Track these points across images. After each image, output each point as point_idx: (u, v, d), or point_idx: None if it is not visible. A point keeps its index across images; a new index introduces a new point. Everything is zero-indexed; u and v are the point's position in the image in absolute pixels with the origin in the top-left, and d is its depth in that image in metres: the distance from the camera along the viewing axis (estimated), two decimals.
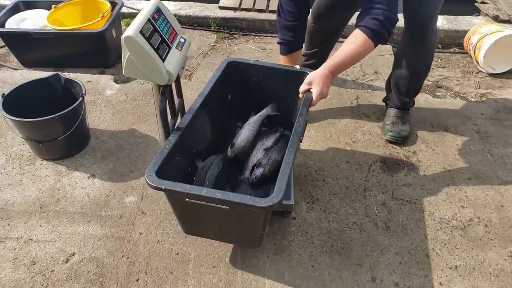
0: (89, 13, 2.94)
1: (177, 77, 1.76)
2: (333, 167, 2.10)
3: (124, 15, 3.41)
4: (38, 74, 2.70)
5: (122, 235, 1.78)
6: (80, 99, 2.01)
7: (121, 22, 3.24)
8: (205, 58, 3.04)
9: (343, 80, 2.75)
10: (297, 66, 1.99)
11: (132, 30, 1.34)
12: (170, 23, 1.56)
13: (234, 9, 3.50)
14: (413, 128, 2.33)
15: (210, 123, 1.79)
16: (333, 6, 2.20)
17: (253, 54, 3.10)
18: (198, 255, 1.70)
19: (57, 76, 2.16)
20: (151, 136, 2.28)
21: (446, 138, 2.28)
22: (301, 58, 2.43)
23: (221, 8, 3.51)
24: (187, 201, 1.33)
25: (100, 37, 2.72)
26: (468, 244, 1.75)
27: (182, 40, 1.59)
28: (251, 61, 1.93)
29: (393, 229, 1.81)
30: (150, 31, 1.42)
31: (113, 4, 2.95)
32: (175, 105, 1.72)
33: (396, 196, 1.96)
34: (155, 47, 1.42)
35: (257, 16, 3.41)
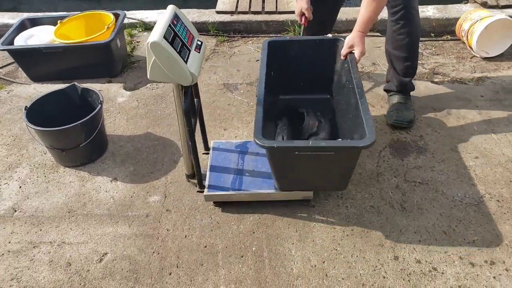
0: (93, 26, 3.02)
1: None
2: None
3: (125, 26, 3.49)
4: (51, 87, 2.77)
5: (150, 233, 1.85)
6: (99, 106, 2.08)
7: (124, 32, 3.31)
8: (207, 62, 3.12)
9: None
10: (329, 35, 2.13)
11: (157, 36, 1.42)
12: (187, 28, 1.64)
13: (231, 13, 3.59)
14: (417, 114, 2.43)
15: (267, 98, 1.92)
16: None
17: (253, 55, 3.19)
18: (226, 246, 1.78)
19: (74, 87, 2.23)
20: (167, 138, 2.35)
21: (450, 121, 2.38)
22: None
23: (218, 13, 3.60)
24: (296, 155, 1.56)
25: (107, 48, 2.79)
26: (483, 219, 1.84)
27: (199, 43, 1.67)
28: (287, 38, 2.13)
29: (409, 210, 1.90)
30: (172, 36, 1.50)
31: (116, 16, 3.03)
32: (195, 105, 1.80)
33: (408, 179, 2.05)
34: (177, 51, 1.50)
35: (254, 18, 3.50)
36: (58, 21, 2.94)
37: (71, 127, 1.97)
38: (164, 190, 2.05)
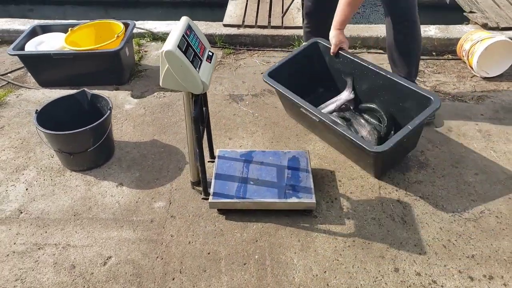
0: (103, 35, 3.08)
1: None
2: (347, 168, 2.23)
3: (134, 35, 3.55)
4: (59, 92, 2.81)
5: (155, 238, 1.88)
6: (108, 112, 2.12)
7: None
8: (214, 73, 3.17)
9: None
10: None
11: (171, 45, 1.47)
12: (200, 39, 1.69)
13: (238, 26, 3.66)
14: None
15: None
16: None
17: (258, 68, 3.25)
18: (229, 254, 1.81)
19: (84, 92, 2.28)
20: (173, 146, 2.39)
21: (451, 138, 2.43)
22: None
23: (226, 26, 3.67)
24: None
25: (116, 56, 2.85)
26: (482, 235, 1.88)
27: (211, 54, 1.73)
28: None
29: (410, 223, 1.93)
30: (185, 46, 1.55)
31: (126, 25, 3.09)
32: (203, 114, 1.84)
33: (410, 193, 2.08)
34: (190, 60, 1.55)
35: (260, 32, 3.57)
36: (69, 29, 3.00)
37: (81, 132, 2.01)
38: (169, 197, 2.08)
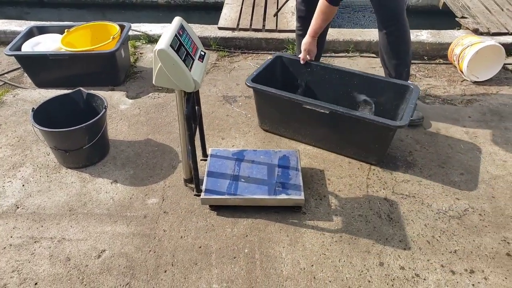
0: (99, 36, 3.14)
1: None
2: (337, 167, 2.29)
3: (129, 37, 3.61)
4: (55, 92, 2.86)
5: (148, 233, 1.93)
6: (104, 111, 2.18)
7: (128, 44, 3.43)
8: (208, 75, 3.23)
9: None
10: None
11: (164, 44, 1.53)
12: (192, 39, 1.75)
13: (232, 29, 3.73)
14: (407, 131, 2.54)
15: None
16: None
17: (252, 70, 3.29)
18: (219, 248, 1.86)
19: (80, 91, 2.33)
20: (166, 145, 2.44)
21: (438, 139, 2.49)
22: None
23: (220, 29, 3.74)
24: None
25: (112, 57, 2.90)
26: (465, 231, 1.94)
27: (203, 53, 1.79)
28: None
29: (396, 220, 1.99)
30: (178, 45, 1.61)
31: (122, 27, 3.15)
32: (196, 112, 1.90)
33: (396, 191, 2.14)
34: (182, 59, 1.60)
35: (254, 35, 3.64)
36: (65, 30, 3.05)
37: (76, 129, 2.07)
38: (162, 193, 2.13)
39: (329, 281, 1.72)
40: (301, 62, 2.56)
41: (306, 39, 2.47)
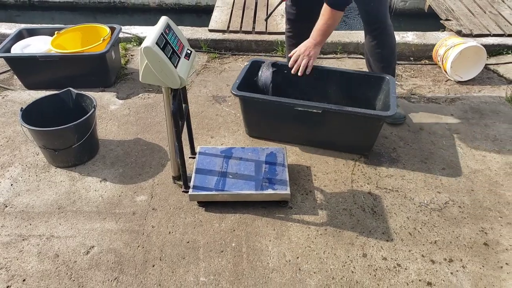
0: (89, 38, 3.17)
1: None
2: (323, 164, 2.34)
3: (120, 40, 3.65)
4: (45, 94, 2.88)
5: (136, 229, 1.96)
6: (93, 110, 2.21)
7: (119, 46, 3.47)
8: (198, 76, 3.28)
9: None
10: None
11: (150, 42, 1.57)
12: (179, 37, 1.80)
13: (223, 32, 3.78)
14: (392, 129, 2.60)
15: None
16: None
17: None
18: (207, 242, 1.89)
19: (69, 91, 2.37)
20: (155, 144, 2.48)
21: (422, 136, 2.55)
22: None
23: (211, 31, 3.79)
24: None
25: (102, 59, 2.93)
26: (445, 223, 1.99)
27: (189, 51, 1.83)
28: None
29: (379, 213, 2.04)
30: (164, 43, 1.65)
31: (112, 29, 3.19)
32: (183, 109, 1.94)
33: (380, 186, 2.20)
34: (168, 56, 1.65)
35: (244, 37, 3.69)
36: (55, 32, 3.08)
37: (65, 128, 2.10)
38: (151, 191, 2.16)
39: (314, 272, 1.76)
40: (299, 74, 2.38)
41: (316, 49, 2.35)
